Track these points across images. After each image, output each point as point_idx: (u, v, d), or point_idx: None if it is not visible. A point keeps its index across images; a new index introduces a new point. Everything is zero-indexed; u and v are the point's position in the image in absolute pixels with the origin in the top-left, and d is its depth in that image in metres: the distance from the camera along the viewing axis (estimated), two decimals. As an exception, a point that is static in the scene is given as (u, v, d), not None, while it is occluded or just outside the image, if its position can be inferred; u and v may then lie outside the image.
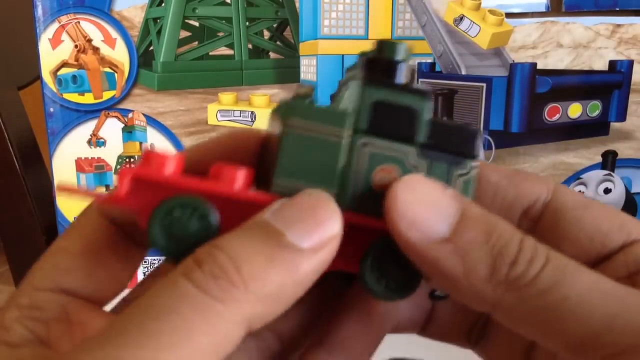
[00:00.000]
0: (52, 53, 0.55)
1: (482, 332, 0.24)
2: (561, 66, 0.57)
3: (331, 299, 0.23)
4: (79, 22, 0.55)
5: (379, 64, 0.21)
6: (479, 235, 0.18)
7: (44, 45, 0.55)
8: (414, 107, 0.20)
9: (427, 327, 0.24)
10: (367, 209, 0.20)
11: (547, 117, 0.57)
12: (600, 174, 0.58)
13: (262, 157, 0.22)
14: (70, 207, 0.58)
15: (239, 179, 0.20)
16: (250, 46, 0.58)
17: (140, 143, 0.58)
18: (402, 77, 0.21)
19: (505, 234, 0.18)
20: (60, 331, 0.19)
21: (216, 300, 0.16)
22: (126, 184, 0.19)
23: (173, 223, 0.19)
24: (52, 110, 0.56)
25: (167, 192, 0.20)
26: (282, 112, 0.20)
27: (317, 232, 0.18)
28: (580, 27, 0.57)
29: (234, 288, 0.17)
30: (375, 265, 0.20)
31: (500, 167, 0.22)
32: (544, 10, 0.57)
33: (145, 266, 0.59)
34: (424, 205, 0.18)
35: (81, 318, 0.19)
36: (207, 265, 0.17)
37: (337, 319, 0.23)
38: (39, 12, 0.54)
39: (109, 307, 0.21)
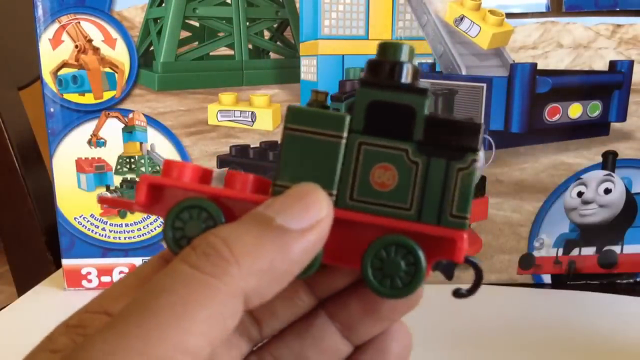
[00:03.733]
0: (52, 53, 0.55)
1: None
2: (561, 66, 0.57)
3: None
4: (79, 22, 0.55)
5: (381, 65, 0.21)
6: None
7: (44, 45, 0.55)
8: (410, 105, 0.20)
9: None
10: (367, 206, 0.21)
11: (547, 117, 0.57)
12: (600, 174, 0.58)
13: None
14: (70, 207, 0.58)
15: (249, 183, 0.21)
16: (250, 46, 0.58)
17: (141, 143, 0.58)
18: (406, 77, 0.21)
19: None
20: None
21: (209, 275, 0.18)
22: (143, 190, 0.21)
23: (184, 222, 0.21)
24: (52, 110, 0.56)
25: (181, 196, 0.21)
26: (285, 117, 0.21)
27: (305, 214, 0.19)
28: (580, 27, 0.57)
29: (225, 262, 0.18)
30: (377, 262, 0.21)
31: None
32: (544, 10, 0.57)
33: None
34: None
35: None
36: (200, 247, 0.18)
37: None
38: (39, 12, 0.54)
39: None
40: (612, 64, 0.57)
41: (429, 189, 0.20)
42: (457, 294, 0.22)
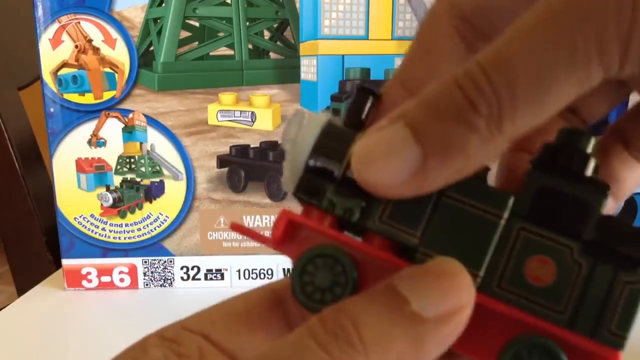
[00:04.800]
0: (52, 53, 0.55)
1: None
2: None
3: None
4: (79, 22, 0.55)
5: (562, 151, 0.19)
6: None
7: (44, 45, 0.55)
8: (586, 200, 0.18)
9: None
10: (515, 298, 0.19)
11: (547, 117, 0.57)
12: (601, 174, 0.58)
13: None
14: (70, 207, 0.58)
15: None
16: (250, 46, 0.58)
17: (141, 143, 0.58)
18: (588, 171, 0.19)
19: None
20: None
21: None
22: (282, 225, 0.20)
23: (315, 269, 0.19)
24: (52, 110, 0.56)
25: (316, 241, 0.20)
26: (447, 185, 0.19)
27: (444, 301, 0.17)
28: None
29: (354, 351, 0.17)
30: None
31: None
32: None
33: (145, 266, 0.59)
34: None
35: None
36: (329, 324, 0.17)
37: None
38: (39, 12, 0.54)
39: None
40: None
41: (589, 296, 0.18)
42: None
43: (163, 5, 0.56)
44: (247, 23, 0.57)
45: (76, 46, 0.55)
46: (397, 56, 0.57)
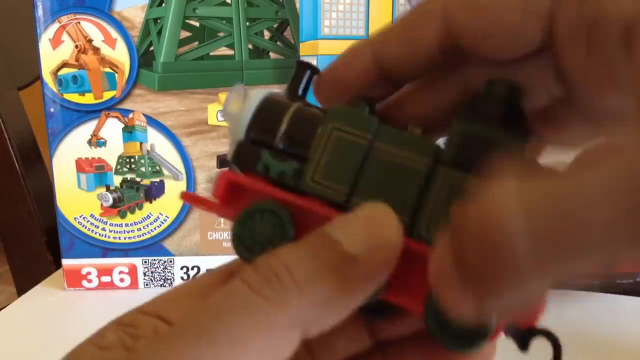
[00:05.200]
0: (52, 53, 0.55)
1: None
2: (561, 66, 0.57)
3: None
4: (79, 22, 0.55)
5: (484, 100, 0.20)
6: None
7: (44, 45, 0.55)
8: (508, 146, 0.19)
9: None
10: None
11: (547, 117, 0.57)
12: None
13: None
14: (70, 207, 0.58)
15: None
16: (250, 46, 0.58)
17: (141, 143, 0.58)
18: (510, 117, 0.19)
19: None
20: None
21: (269, 303, 0.17)
22: (222, 186, 0.21)
23: (253, 225, 0.20)
24: (52, 110, 0.56)
25: (255, 198, 0.20)
26: (364, 125, 0.20)
27: (371, 238, 0.18)
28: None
29: (286, 291, 0.17)
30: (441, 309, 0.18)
31: None
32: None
33: (145, 266, 0.59)
34: None
35: None
36: (262, 269, 0.18)
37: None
38: (39, 12, 0.54)
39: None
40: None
41: None
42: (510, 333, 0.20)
43: (163, 5, 0.56)
44: (247, 23, 0.57)
45: (76, 46, 0.55)
46: (397, 56, 0.57)
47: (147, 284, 0.60)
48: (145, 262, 0.59)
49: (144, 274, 0.60)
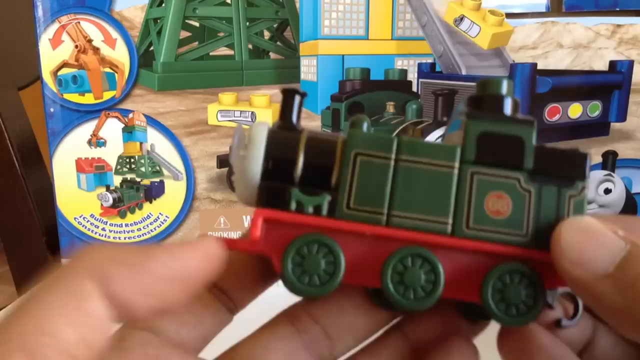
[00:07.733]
0: (52, 53, 0.55)
1: None
2: (561, 66, 0.57)
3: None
4: (79, 22, 0.55)
5: (483, 100, 0.22)
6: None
7: (44, 45, 0.55)
8: (519, 135, 0.21)
9: (587, 349, 0.24)
10: (483, 234, 0.21)
11: (547, 117, 0.57)
12: (600, 174, 0.58)
13: None
14: (70, 207, 0.58)
15: None
16: (250, 46, 0.58)
17: (141, 143, 0.58)
18: (507, 109, 0.21)
19: None
20: None
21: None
22: (258, 224, 0.21)
23: (302, 258, 0.21)
24: (52, 110, 0.56)
25: (296, 232, 0.21)
26: (385, 146, 0.21)
27: (177, 251, 0.19)
28: (580, 27, 0.57)
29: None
30: (497, 289, 0.21)
31: None
32: (544, 10, 0.57)
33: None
34: (589, 244, 0.19)
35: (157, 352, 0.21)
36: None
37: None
38: (39, 12, 0.54)
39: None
40: (612, 64, 0.57)
41: (542, 216, 0.21)
42: (559, 325, 0.23)
43: (163, 5, 0.56)
44: (247, 23, 0.57)
45: (76, 46, 0.55)
46: (397, 56, 0.58)
47: (147, 284, 0.60)
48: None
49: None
